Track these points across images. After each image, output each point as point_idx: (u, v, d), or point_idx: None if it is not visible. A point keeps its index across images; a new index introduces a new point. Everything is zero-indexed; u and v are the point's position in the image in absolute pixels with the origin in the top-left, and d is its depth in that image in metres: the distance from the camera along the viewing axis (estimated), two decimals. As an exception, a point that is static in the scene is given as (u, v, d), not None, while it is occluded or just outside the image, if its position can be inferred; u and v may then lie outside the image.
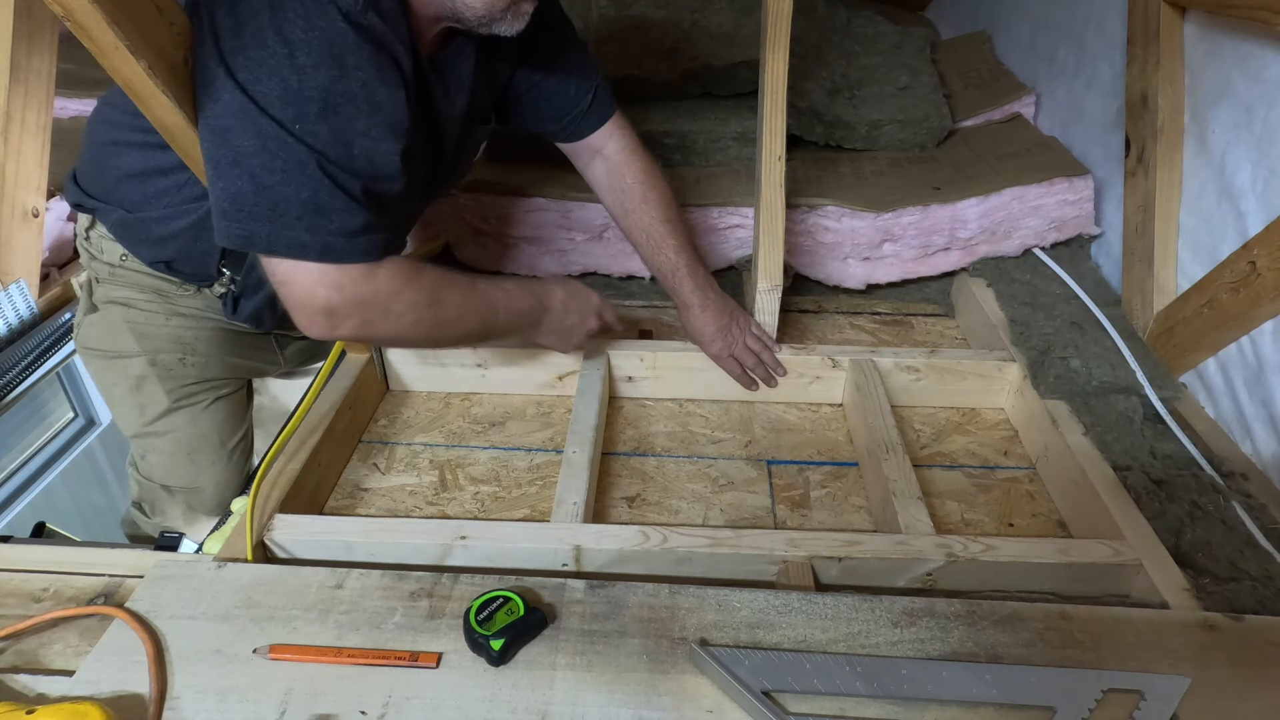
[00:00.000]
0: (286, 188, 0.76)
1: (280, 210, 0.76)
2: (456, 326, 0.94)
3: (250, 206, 0.76)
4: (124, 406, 1.17)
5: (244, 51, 0.74)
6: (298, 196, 0.76)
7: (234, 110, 0.74)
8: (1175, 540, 0.87)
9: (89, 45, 0.70)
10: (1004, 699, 0.68)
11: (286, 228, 0.77)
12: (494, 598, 0.74)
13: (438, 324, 0.92)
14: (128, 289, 1.09)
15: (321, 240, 0.78)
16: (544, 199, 1.35)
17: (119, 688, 0.69)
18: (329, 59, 0.75)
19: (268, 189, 0.76)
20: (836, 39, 1.69)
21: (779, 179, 1.19)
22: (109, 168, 1.01)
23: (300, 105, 0.74)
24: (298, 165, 0.75)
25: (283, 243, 0.78)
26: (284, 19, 0.73)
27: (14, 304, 1.47)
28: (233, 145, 0.75)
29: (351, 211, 0.79)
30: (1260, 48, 0.99)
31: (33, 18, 1.35)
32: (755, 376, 1.16)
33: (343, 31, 0.75)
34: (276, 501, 0.90)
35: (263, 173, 0.75)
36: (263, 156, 0.75)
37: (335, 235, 0.79)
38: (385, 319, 0.86)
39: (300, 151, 0.75)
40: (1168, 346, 1.12)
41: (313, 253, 0.79)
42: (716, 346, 1.15)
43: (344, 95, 0.76)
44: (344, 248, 0.79)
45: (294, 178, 0.76)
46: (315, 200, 0.77)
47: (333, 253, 0.79)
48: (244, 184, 0.76)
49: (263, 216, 0.76)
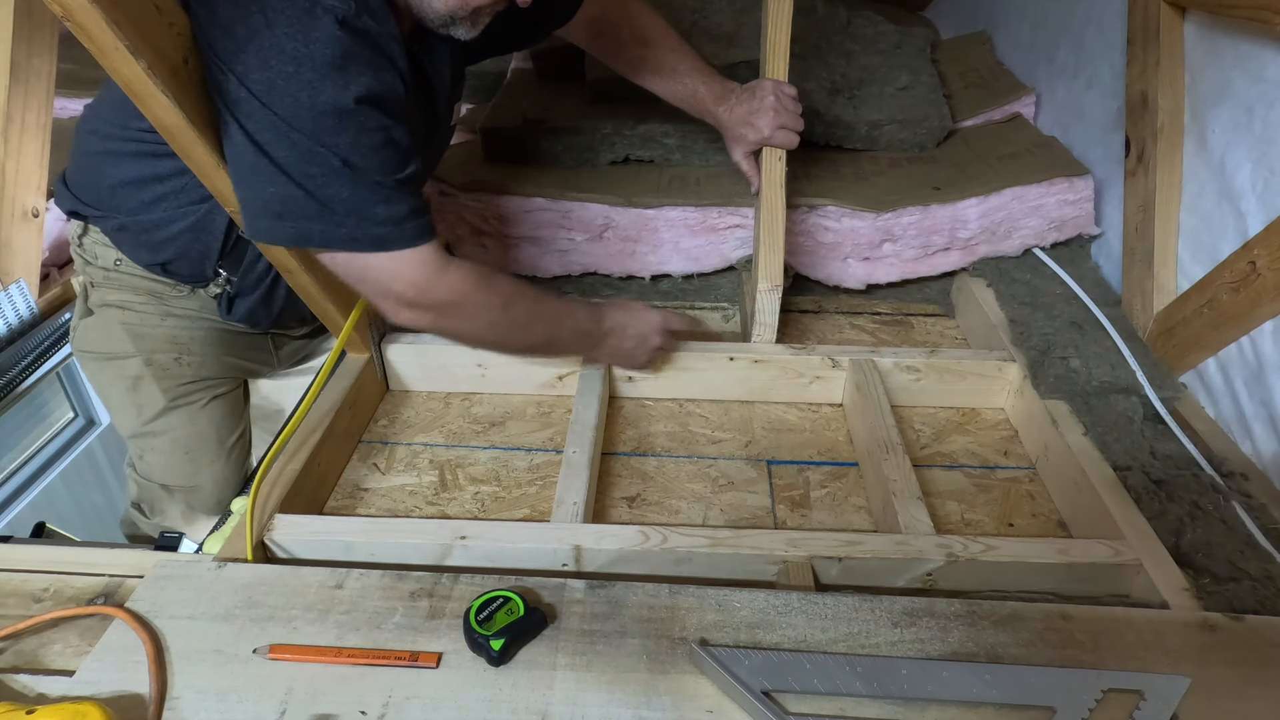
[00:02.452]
0: (330, 190, 0.81)
1: (329, 209, 0.82)
2: (524, 336, 1.02)
3: (301, 208, 0.81)
4: (121, 407, 1.17)
5: (253, 74, 0.76)
6: (340, 196, 0.81)
7: (266, 125, 0.78)
8: (1175, 540, 0.87)
9: (89, 45, 0.70)
10: (1004, 699, 0.68)
11: (338, 225, 0.83)
12: (494, 598, 0.74)
13: (509, 330, 0.99)
14: (123, 292, 1.09)
15: (371, 232, 0.84)
16: (544, 199, 1.35)
17: (119, 688, 0.69)
18: (332, 69, 0.77)
19: (314, 192, 0.81)
20: (836, 39, 1.69)
21: (779, 179, 1.19)
22: (103, 176, 1.02)
23: (317, 119, 0.78)
24: (333, 170, 0.80)
25: (337, 238, 0.84)
26: (282, 35, 0.75)
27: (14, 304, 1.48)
28: (273, 155, 0.79)
29: (392, 201, 0.84)
30: (1260, 48, 0.99)
31: (33, 18, 1.35)
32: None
33: (339, 39, 0.77)
34: (276, 501, 0.90)
35: (304, 179, 0.80)
36: (302, 164, 0.79)
37: (383, 225, 0.84)
38: (459, 317, 0.94)
39: (331, 158, 0.80)
40: (1168, 346, 1.12)
41: (366, 244, 0.85)
42: (758, 135, 1.17)
43: (354, 100, 0.79)
44: (395, 235, 0.85)
45: (333, 181, 0.81)
46: (356, 197, 0.82)
47: (386, 242, 0.85)
48: (291, 188, 0.80)
49: (313, 215, 0.82)
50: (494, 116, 1.51)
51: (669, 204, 1.33)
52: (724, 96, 1.20)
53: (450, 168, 1.40)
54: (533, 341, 1.04)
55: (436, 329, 0.95)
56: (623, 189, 1.36)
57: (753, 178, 1.24)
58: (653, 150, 1.47)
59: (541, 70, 1.72)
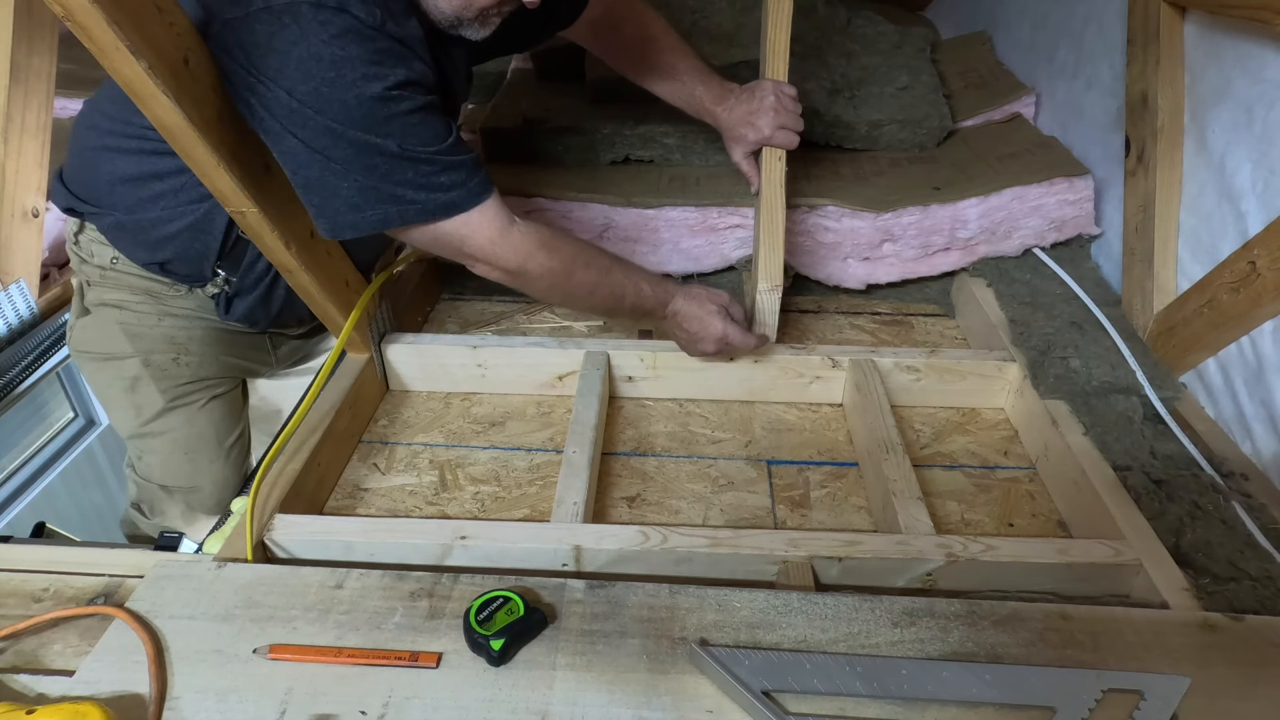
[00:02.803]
0: (395, 174, 0.86)
1: (399, 192, 0.87)
2: (587, 301, 1.06)
3: (375, 197, 0.87)
4: (119, 408, 1.17)
5: (300, 85, 0.79)
6: (406, 178, 0.87)
7: (322, 131, 0.82)
8: (1175, 540, 0.87)
9: (89, 45, 0.69)
10: (1004, 699, 0.68)
11: (411, 203, 0.88)
12: (494, 598, 0.74)
13: (571, 294, 1.04)
14: (119, 291, 1.09)
15: (442, 199, 0.90)
16: (544, 199, 1.35)
17: (119, 688, 0.69)
18: (370, 65, 0.81)
19: (382, 181, 0.86)
20: (836, 39, 1.69)
21: (779, 179, 1.19)
22: (101, 172, 1.01)
23: (367, 115, 0.82)
24: (393, 157, 0.85)
25: (414, 214, 0.89)
26: (318, 41, 0.78)
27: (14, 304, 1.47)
28: (335, 158, 0.84)
29: (452, 168, 0.89)
30: (1260, 48, 0.99)
31: (33, 18, 1.35)
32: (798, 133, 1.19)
33: (371, 36, 0.81)
34: (276, 501, 0.90)
35: (370, 171, 0.85)
36: (364, 159, 0.84)
37: (450, 190, 0.90)
38: (525, 278, 0.99)
39: (390, 145, 0.84)
40: (1168, 346, 1.12)
41: (440, 212, 0.90)
42: (759, 135, 1.18)
43: (395, 87, 0.82)
44: (462, 197, 0.91)
45: (396, 166, 0.86)
46: (420, 175, 0.87)
47: (456, 206, 0.91)
48: (361, 182, 0.85)
49: (388, 199, 0.87)
50: (494, 116, 1.51)
51: (669, 204, 1.33)
52: (724, 96, 1.20)
53: (450, 168, 1.40)
54: (595, 305, 1.08)
55: (508, 283, 1.00)
56: (623, 189, 1.36)
57: (753, 178, 1.24)
58: (653, 150, 1.46)
59: (541, 70, 1.72)
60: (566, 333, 1.34)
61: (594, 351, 1.17)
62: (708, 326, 1.09)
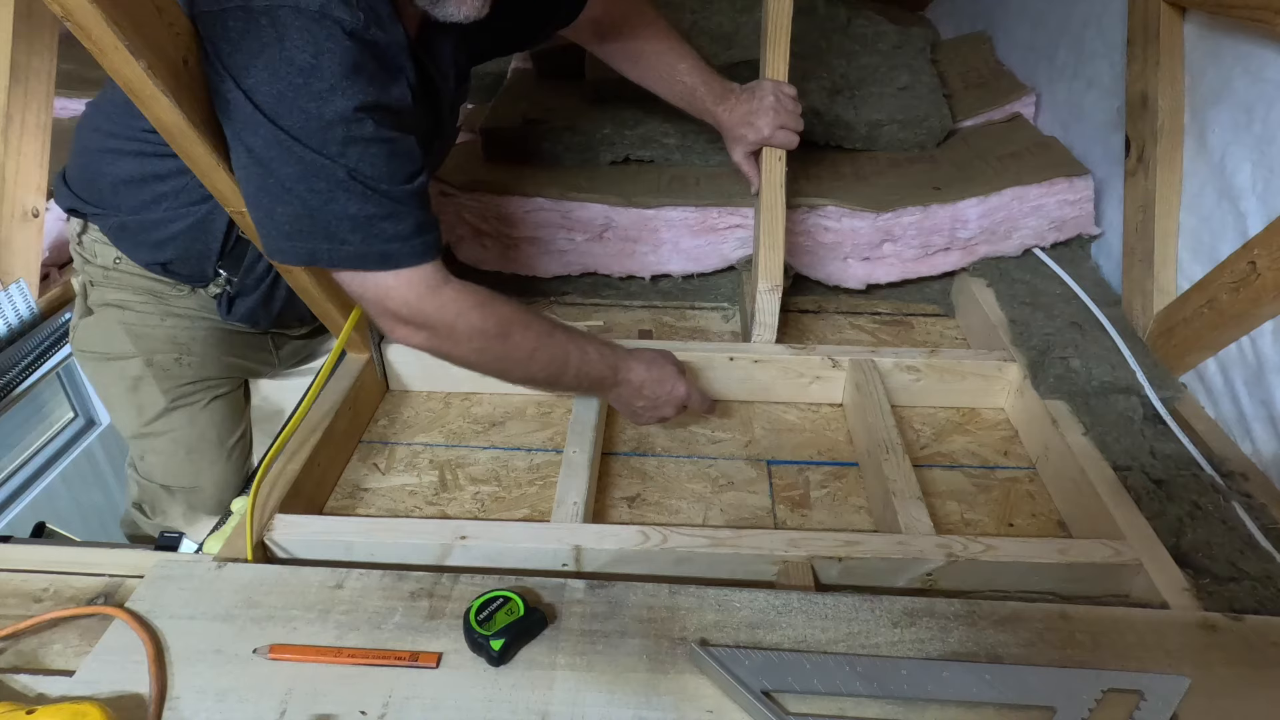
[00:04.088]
0: (335, 206, 0.80)
1: (334, 227, 0.81)
2: (524, 368, 0.96)
3: (308, 227, 0.81)
4: (121, 408, 1.17)
5: (262, 87, 0.76)
6: (346, 213, 0.80)
7: (272, 142, 0.77)
8: (1175, 540, 0.87)
9: (89, 45, 0.69)
10: (1004, 699, 0.68)
11: (343, 243, 0.82)
12: (494, 598, 0.74)
13: (504, 358, 0.94)
14: (122, 291, 1.09)
15: (378, 249, 0.83)
16: (544, 199, 1.35)
17: (119, 688, 0.69)
18: (342, 79, 0.77)
19: (319, 210, 0.80)
20: (836, 39, 1.69)
21: (779, 179, 1.19)
22: (103, 174, 1.01)
23: (326, 130, 0.77)
24: (341, 185, 0.79)
25: (344, 257, 0.83)
26: (293, 47, 0.75)
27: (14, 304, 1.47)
28: (278, 175, 0.78)
29: (400, 216, 0.83)
30: (1260, 48, 0.99)
31: (33, 18, 1.35)
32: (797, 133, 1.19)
33: (349, 49, 0.77)
34: (276, 501, 0.90)
35: (310, 196, 0.79)
36: (308, 181, 0.79)
37: (390, 241, 0.83)
38: (452, 339, 0.90)
39: (339, 171, 0.78)
40: (1168, 346, 1.12)
41: (373, 261, 0.83)
42: (759, 135, 1.17)
43: (363, 110, 0.78)
44: (402, 251, 0.84)
45: (339, 196, 0.80)
46: (364, 213, 0.81)
47: (392, 259, 0.84)
48: (297, 206, 0.80)
49: (320, 234, 0.81)
50: (494, 116, 1.51)
51: (669, 204, 1.33)
52: (724, 96, 1.20)
53: (450, 168, 1.40)
54: (533, 375, 0.98)
55: (431, 349, 0.92)
56: (623, 189, 1.36)
57: (753, 178, 1.24)
58: (653, 150, 1.46)
59: (541, 70, 1.72)
60: (566, 333, 1.34)
61: (594, 351, 1.17)
62: (672, 390, 1.03)
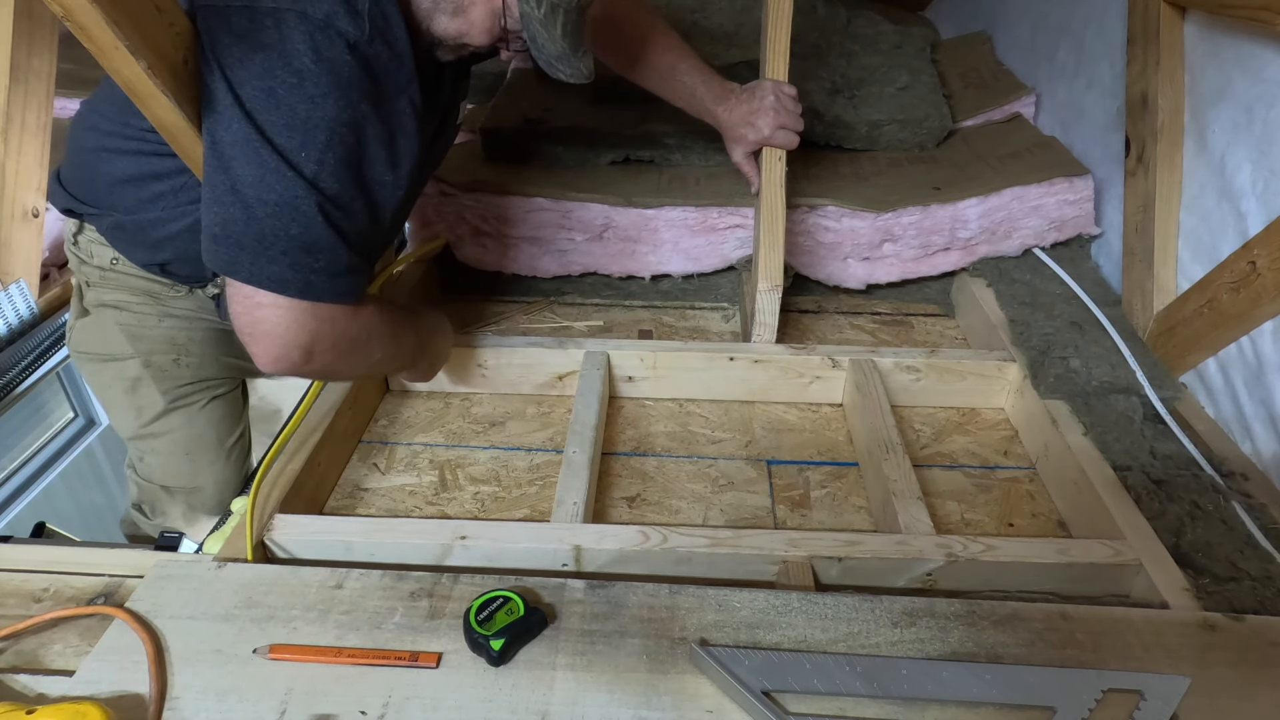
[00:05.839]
0: (277, 221, 0.77)
1: (267, 243, 0.77)
2: (394, 363, 1.01)
3: (238, 235, 0.77)
4: (120, 409, 1.16)
5: (253, 81, 0.75)
6: (286, 232, 0.77)
7: (239, 139, 0.75)
8: (1175, 540, 0.87)
9: (89, 45, 0.70)
10: (1004, 699, 0.68)
11: (271, 261, 0.77)
12: (494, 598, 0.74)
13: (392, 360, 0.99)
14: (119, 292, 1.09)
15: (304, 278, 0.79)
16: (544, 199, 1.35)
17: (119, 688, 0.69)
18: (337, 90, 0.76)
19: (258, 220, 0.77)
20: (836, 39, 1.69)
21: (779, 179, 1.19)
22: (100, 173, 1.01)
23: (307, 134, 0.76)
24: (292, 200, 0.76)
25: (264, 275, 0.78)
26: (293, 50, 0.74)
27: (14, 304, 1.48)
28: (233, 173, 0.76)
29: (338, 252, 0.80)
30: (1260, 48, 0.99)
31: (33, 18, 1.35)
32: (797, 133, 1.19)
33: (349, 64, 0.76)
34: (276, 501, 0.90)
35: (257, 204, 0.76)
36: (260, 188, 0.76)
37: (319, 274, 0.79)
38: (356, 353, 0.89)
39: (299, 186, 0.76)
40: (1168, 346, 1.12)
41: (293, 289, 0.79)
42: (759, 135, 1.18)
43: (350, 126, 0.78)
44: (325, 287, 0.80)
45: (286, 212, 0.77)
46: (304, 238, 0.78)
47: (313, 290, 0.80)
48: (236, 211, 0.77)
49: (249, 246, 0.77)
50: (494, 116, 1.51)
51: (669, 204, 1.33)
52: (724, 96, 1.20)
53: (450, 168, 1.40)
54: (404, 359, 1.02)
55: (322, 371, 0.89)
56: (623, 189, 1.36)
57: (753, 178, 1.24)
58: (653, 150, 1.47)
59: (541, 70, 1.72)
60: (566, 333, 1.34)
61: (594, 351, 1.17)
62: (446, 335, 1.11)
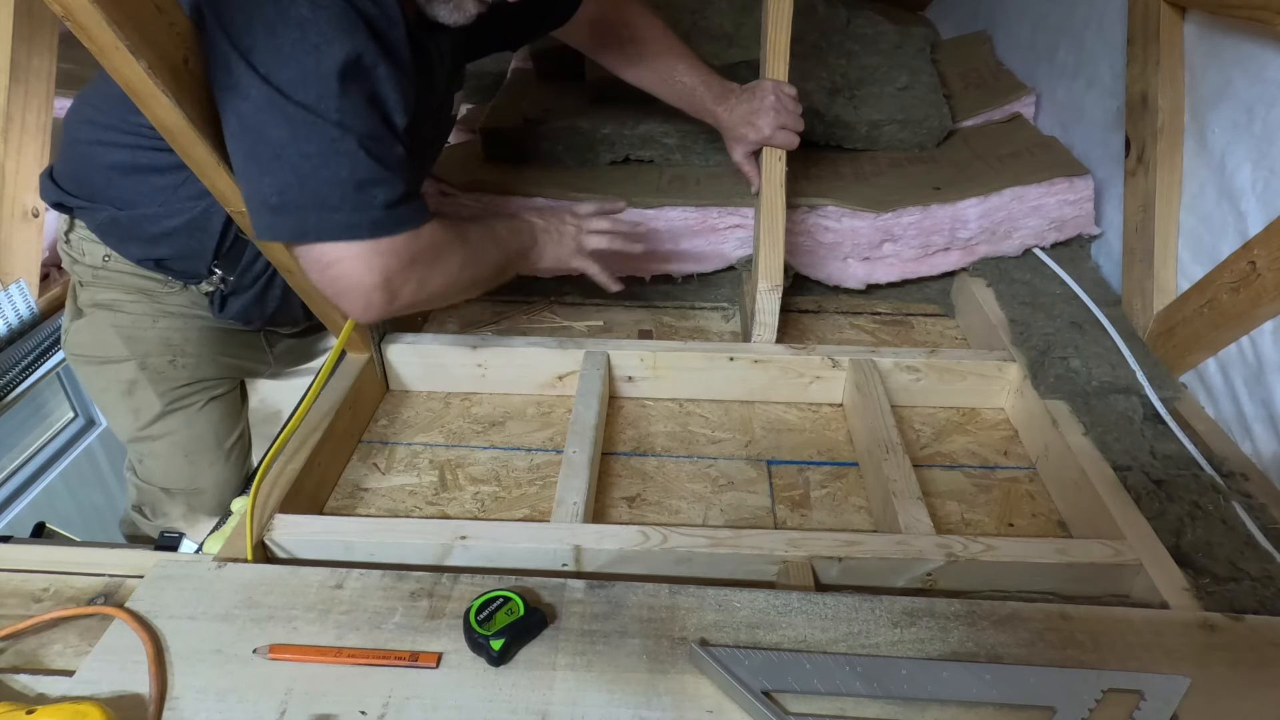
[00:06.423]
0: (326, 171, 0.78)
1: (325, 195, 0.79)
2: (483, 270, 0.98)
3: (296, 198, 0.79)
4: (117, 412, 1.16)
5: (259, 43, 0.75)
6: (338, 178, 0.78)
7: (263, 104, 0.76)
8: (1175, 540, 0.87)
9: (89, 45, 0.70)
10: (1004, 699, 0.68)
11: (334, 211, 0.80)
12: (494, 598, 0.74)
13: (477, 268, 0.96)
14: (112, 290, 1.08)
15: (370, 217, 0.81)
16: (544, 199, 1.35)
17: (119, 688, 0.69)
18: (339, 33, 0.77)
19: (309, 176, 0.78)
20: (836, 39, 1.69)
21: (779, 179, 1.19)
22: (96, 166, 1.00)
23: (321, 83, 0.76)
24: (330, 145, 0.78)
25: (332, 227, 0.80)
26: (289, 3, 0.75)
27: (14, 304, 1.48)
28: (269, 139, 0.77)
29: (392, 183, 0.82)
30: (1260, 48, 0.99)
31: (33, 18, 1.35)
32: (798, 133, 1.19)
33: (345, 9, 0.77)
34: (276, 501, 0.90)
35: (301, 160, 0.77)
36: (298, 144, 0.77)
37: (381, 209, 0.82)
38: (435, 271, 0.89)
39: (331, 131, 0.77)
40: (1168, 346, 1.12)
41: (364, 230, 0.81)
42: (759, 135, 1.18)
43: (357, 66, 0.78)
44: (390, 220, 0.83)
45: (331, 159, 0.78)
46: (355, 178, 0.79)
47: (381, 227, 0.82)
48: (287, 175, 0.78)
49: (310, 205, 0.79)
50: (494, 116, 1.51)
51: (669, 204, 1.33)
52: (724, 96, 1.20)
53: (450, 168, 1.40)
54: (487, 276, 1.01)
55: (413, 300, 0.90)
56: (623, 189, 1.36)
57: (753, 178, 1.24)
58: (653, 150, 1.47)
59: (541, 70, 1.72)
60: (566, 333, 1.34)
61: (594, 351, 1.17)
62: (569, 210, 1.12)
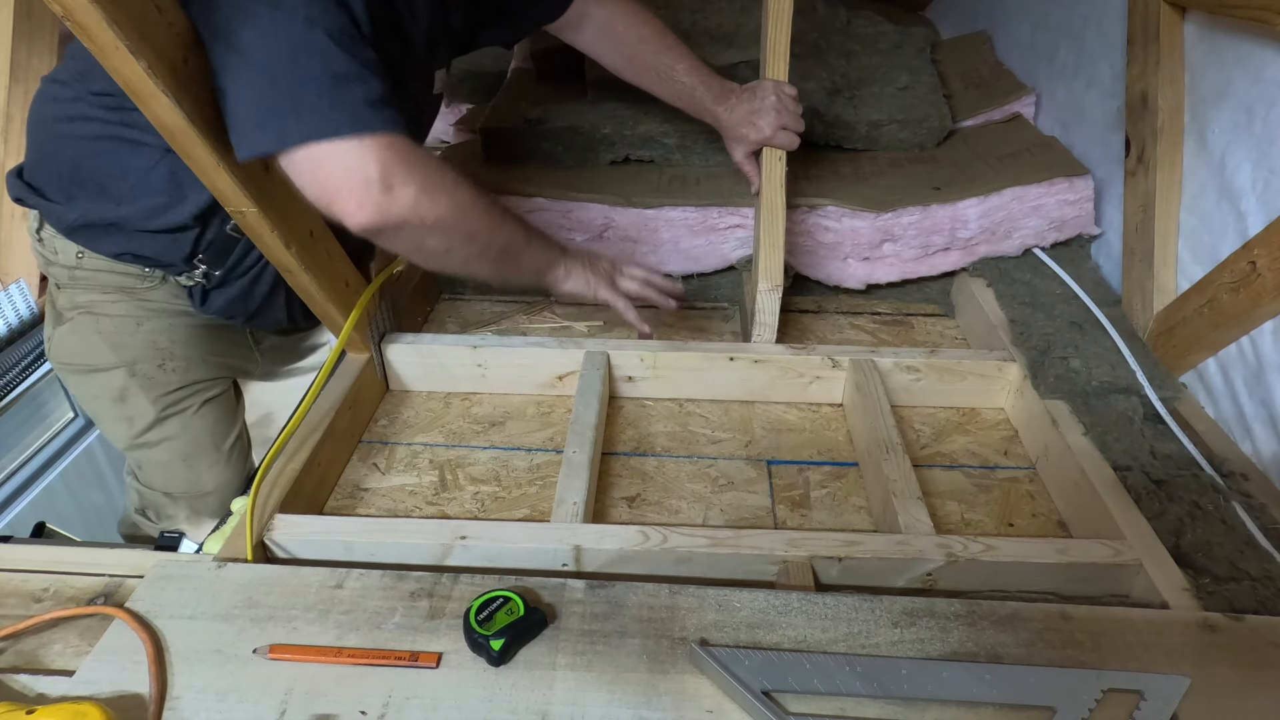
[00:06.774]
0: (297, 66, 0.75)
1: (300, 95, 0.76)
2: (492, 235, 0.94)
3: (272, 101, 0.75)
4: (110, 420, 1.13)
5: None
6: (310, 74, 0.75)
7: (231, 13, 0.73)
8: (1175, 540, 0.87)
9: (89, 45, 0.69)
10: (1004, 699, 0.68)
11: (311, 110, 0.76)
12: (494, 598, 0.74)
13: (491, 226, 0.92)
14: (91, 291, 1.04)
15: (350, 112, 0.77)
16: (544, 199, 1.35)
17: (119, 688, 0.69)
18: None
19: (280, 75, 0.75)
20: (836, 39, 1.69)
21: (779, 179, 1.19)
22: (65, 144, 0.96)
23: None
24: (300, 40, 0.75)
25: (313, 125, 0.76)
26: None
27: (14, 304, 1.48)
28: (237, 45, 0.74)
29: (369, 81, 0.79)
30: (1260, 48, 0.99)
31: (33, 18, 1.35)
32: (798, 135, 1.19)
33: None
34: (276, 501, 0.90)
35: (272, 61, 0.75)
36: (266, 43, 0.74)
37: (361, 105, 0.78)
38: (441, 188, 0.84)
39: (298, 25, 0.75)
40: (1168, 346, 1.12)
41: (346, 126, 0.77)
42: (760, 135, 1.18)
43: None
44: (373, 117, 0.78)
45: (301, 54, 0.75)
46: (329, 72, 0.76)
47: (364, 122, 0.78)
48: (261, 79, 0.75)
49: (286, 107, 0.75)
50: (494, 116, 1.51)
51: (669, 204, 1.33)
52: (724, 96, 1.20)
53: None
54: (499, 247, 0.97)
55: (415, 210, 0.83)
56: (623, 189, 1.36)
57: (753, 178, 1.24)
58: (653, 150, 1.47)
59: (541, 70, 1.72)
60: (567, 333, 1.34)
61: (594, 351, 1.17)
62: (605, 256, 1.12)
